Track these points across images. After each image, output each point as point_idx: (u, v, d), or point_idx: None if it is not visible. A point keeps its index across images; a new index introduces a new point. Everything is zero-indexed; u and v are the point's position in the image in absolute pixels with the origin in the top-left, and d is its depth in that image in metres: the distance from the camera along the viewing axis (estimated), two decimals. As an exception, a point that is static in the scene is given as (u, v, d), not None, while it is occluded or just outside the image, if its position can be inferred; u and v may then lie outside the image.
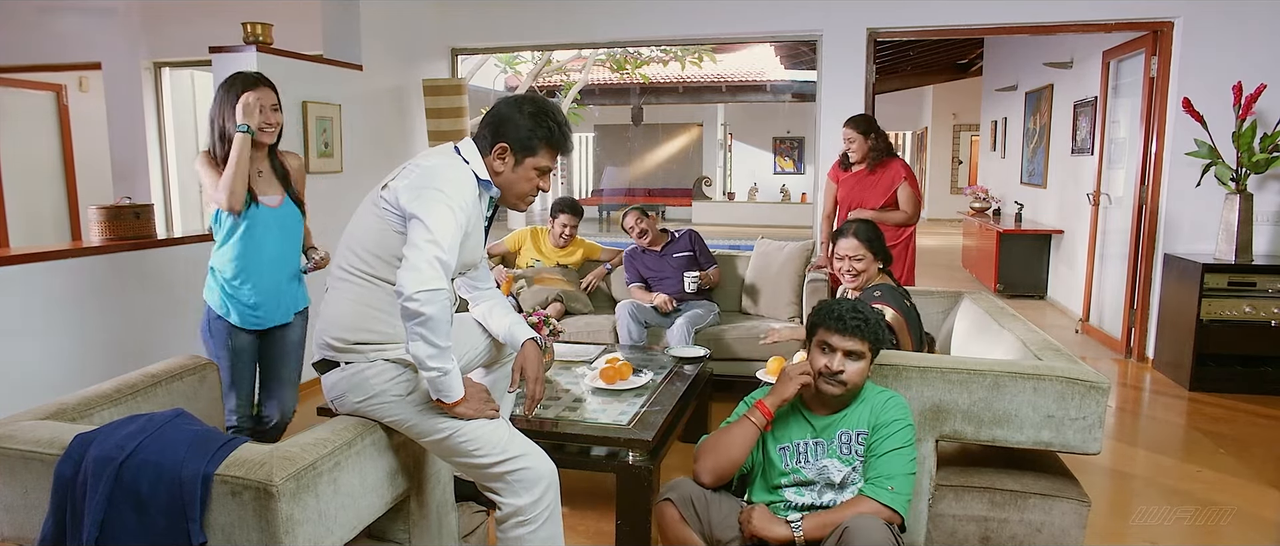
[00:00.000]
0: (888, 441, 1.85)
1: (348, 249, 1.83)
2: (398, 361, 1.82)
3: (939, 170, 15.31)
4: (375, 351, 1.80)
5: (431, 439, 1.83)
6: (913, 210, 3.98)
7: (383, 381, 1.79)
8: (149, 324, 3.41)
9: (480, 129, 1.84)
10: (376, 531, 1.95)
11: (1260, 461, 3.29)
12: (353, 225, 1.86)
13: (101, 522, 1.54)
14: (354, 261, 1.81)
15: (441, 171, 1.74)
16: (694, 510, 1.89)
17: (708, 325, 3.95)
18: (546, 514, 1.87)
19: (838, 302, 1.93)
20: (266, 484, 1.48)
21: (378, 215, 1.78)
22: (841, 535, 1.69)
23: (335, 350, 1.81)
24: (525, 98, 1.87)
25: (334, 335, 1.80)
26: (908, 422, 1.88)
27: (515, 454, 1.85)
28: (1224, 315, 4.15)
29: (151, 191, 6.11)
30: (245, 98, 2.38)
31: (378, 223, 1.78)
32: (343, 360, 1.80)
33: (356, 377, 1.80)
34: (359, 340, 1.79)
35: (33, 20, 6.14)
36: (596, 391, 2.74)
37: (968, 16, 4.75)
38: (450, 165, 1.77)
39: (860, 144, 4.00)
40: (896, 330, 2.50)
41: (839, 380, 1.86)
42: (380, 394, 1.80)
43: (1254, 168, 4.19)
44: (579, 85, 9.23)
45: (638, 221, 4.21)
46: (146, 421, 1.65)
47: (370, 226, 1.79)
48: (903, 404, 1.92)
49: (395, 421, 1.83)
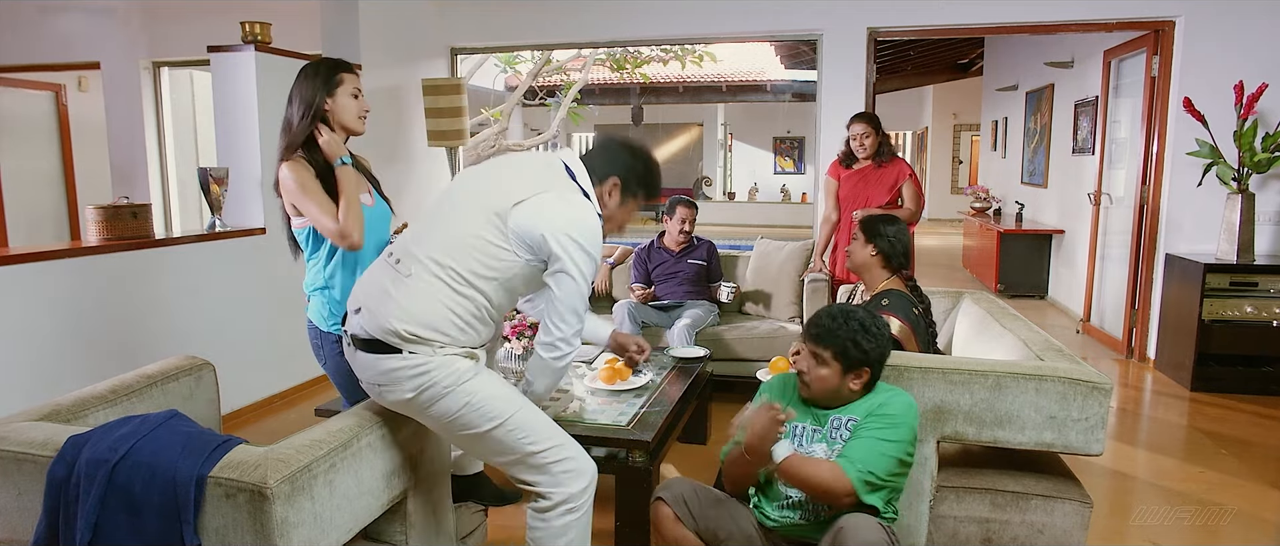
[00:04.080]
0: (870, 429, 1.81)
1: (444, 249, 1.77)
2: (460, 354, 1.81)
3: (939, 170, 15.30)
4: (440, 346, 1.77)
5: (478, 430, 1.80)
6: (917, 208, 3.98)
7: (445, 373, 1.76)
8: (146, 324, 3.40)
9: (592, 157, 1.93)
10: (373, 533, 1.93)
11: (1261, 462, 3.28)
12: (450, 223, 1.81)
13: (95, 525, 1.52)
14: (451, 264, 1.76)
15: (584, 224, 1.80)
16: (687, 508, 1.88)
17: (707, 325, 3.94)
18: (588, 504, 1.90)
19: (827, 309, 1.92)
20: (261, 486, 1.47)
21: (497, 233, 1.76)
22: (836, 534, 1.68)
23: (402, 339, 1.75)
24: (641, 147, 2.01)
25: (409, 327, 1.74)
26: (904, 421, 1.82)
27: (562, 442, 1.88)
28: (1225, 315, 4.14)
29: (150, 191, 6.10)
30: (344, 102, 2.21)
31: (494, 237, 1.76)
32: (407, 349, 1.75)
33: (419, 369, 1.75)
34: (433, 338, 1.76)
35: (32, 20, 6.13)
36: (596, 392, 2.73)
37: (968, 16, 4.74)
38: (587, 214, 1.82)
39: (873, 140, 4.00)
40: (902, 341, 2.43)
41: (804, 379, 1.90)
42: (437, 384, 1.76)
43: (1255, 167, 4.18)
44: (579, 85, 9.20)
45: (689, 214, 4.20)
46: (140, 423, 1.64)
47: (481, 236, 1.77)
48: (906, 403, 1.87)
49: (444, 413, 1.78)
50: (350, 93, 2.24)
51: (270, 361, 4.02)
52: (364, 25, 4.59)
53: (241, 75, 3.83)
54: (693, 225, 4.21)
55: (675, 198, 4.40)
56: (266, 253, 3.94)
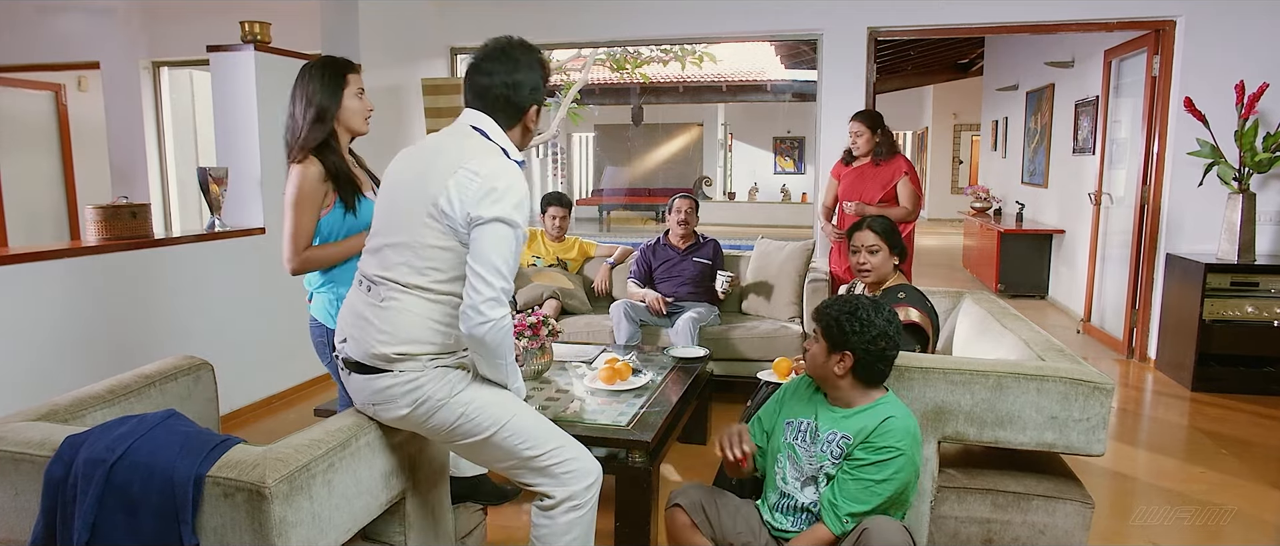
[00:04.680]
0: (860, 467, 1.78)
1: (407, 269, 1.72)
2: (451, 365, 1.79)
3: (940, 170, 15.29)
4: (429, 358, 1.75)
5: (476, 439, 1.80)
6: (913, 206, 3.97)
7: (438, 386, 1.75)
8: (145, 324, 3.39)
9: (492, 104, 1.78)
10: (372, 533, 1.93)
11: (1262, 462, 3.27)
12: (402, 238, 1.73)
13: (92, 525, 1.51)
14: (416, 282, 1.72)
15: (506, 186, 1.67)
16: (704, 514, 1.86)
17: (707, 325, 3.94)
18: (593, 501, 1.89)
19: (836, 298, 1.92)
20: (259, 485, 1.46)
21: (442, 232, 1.70)
22: (861, 535, 1.69)
23: (389, 360, 1.73)
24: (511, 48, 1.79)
25: (394, 349, 1.72)
26: (899, 455, 1.76)
27: (563, 444, 1.86)
28: (1226, 315, 4.13)
29: (150, 191, 6.09)
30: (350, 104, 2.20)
31: (443, 241, 1.70)
32: (397, 368, 1.74)
33: (411, 385, 1.73)
34: (420, 351, 1.74)
35: (31, 19, 6.13)
36: (595, 392, 2.72)
37: (969, 16, 4.73)
38: (506, 171, 1.70)
39: (867, 138, 4.01)
40: (924, 329, 2.44)
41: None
42: (432, 398, 1.74)
43: (1256, 167, 4.17)
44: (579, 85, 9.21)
45: (691, 211, 4.19)
46: (138, 423, 1.63)
47: (433, 246, 1.71)
48: (903, 430, 1.79)
49: (441, 425, 1.78)
50: (355, 93, 2.25)
51: (269, 361, 4.02)
52: (364, 25, 4.58)
53: (241, 75, 3.83)
54: (692, 219, 4.21)
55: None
56: (266, 252, 3.93)
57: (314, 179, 2.16)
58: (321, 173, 2.17)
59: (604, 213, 15.83)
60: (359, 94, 2.25)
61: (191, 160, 6.44)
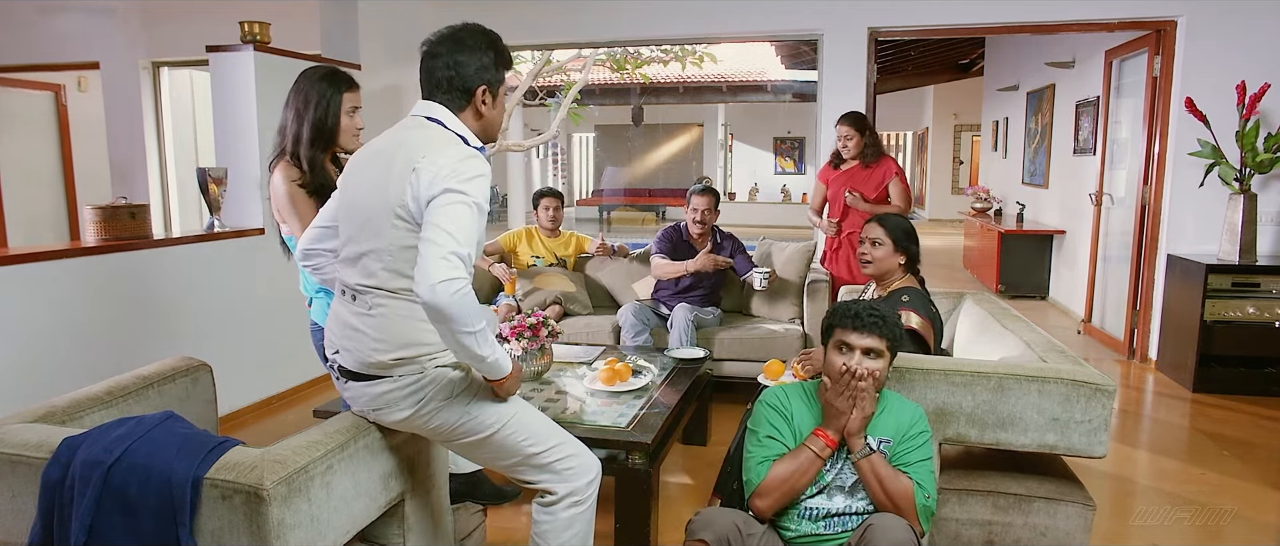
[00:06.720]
0: (917, 451, 1.85)
1: (388, 274, 1.68)
2: (449, 365, 1.77)
3: (940, 170, 15.27)
4: (428, 359, 1.74)
5: (479, 437, 1.79)
6: (904, 205, 3.98)
7: (438, 387, 1.74)
8: (143, 325, 3.38)
9: (441, 87, 1.74)
10: (371, 535, 1.92)
11: (1263, 463, 3.26)
12: (377, 244, 1.69)
13: (90, 527, 1.51)
14: (401, 286, 1.69)
15: (457, 168, 1.61)
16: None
17: (708, 326, 3.93)
18: (593, 498, 1.90)
19: (854, 302, 1.89)
20: (257, 487, 1.45)
21: (410, 230, 1.65)
22: (865, 531, 1.68)
23: (386, 366, 1.72)
24: (460, 31, 1.77)
25: (390, 354, 1.70)
26: (930, 434, 1.90)
27: (563, 441, 1.87)
28: (1227, 316, 4.13)
29: (149, 191, 6.09)
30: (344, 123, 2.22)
31: (411, 237, 1.65)
32: (395, 373, 1.72)
33: (411, 387, 1.73)
34: (416, 354, 1.73)
35: (31, 20, 6.12)
36: (595, 393, 2.71)
37: (969, 16, 4.73)
38: (463, 157, 1.64)
39: (857, 141, 4.00)
40: (924, 337, 2.40)
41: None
42: (433, 400, 1.74)
43: (1258, 168, 4.16)
44: (579, 85, 9.19)
45: (708, 210, 4.07)
46: (136, 424, 1.62)
47: (403, 242, 1.67)
48: (924, 415, 1.92)
49: (444, 425, 1.77)
50: (349, 110, 2.27)
51: (268, 362, 4.01)
52: (363, 25, 4.58)
53: (240, 75, 3.82)
54: (710, 215, 4.08)
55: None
56: (265, 253, 3.92)
57: (298, 177, 2.21)
58: (301, 176, 2.21)
59: (604, 213, 15.84)
60: (352, 112, 2.28)
61: (191, 160, 6.43)
